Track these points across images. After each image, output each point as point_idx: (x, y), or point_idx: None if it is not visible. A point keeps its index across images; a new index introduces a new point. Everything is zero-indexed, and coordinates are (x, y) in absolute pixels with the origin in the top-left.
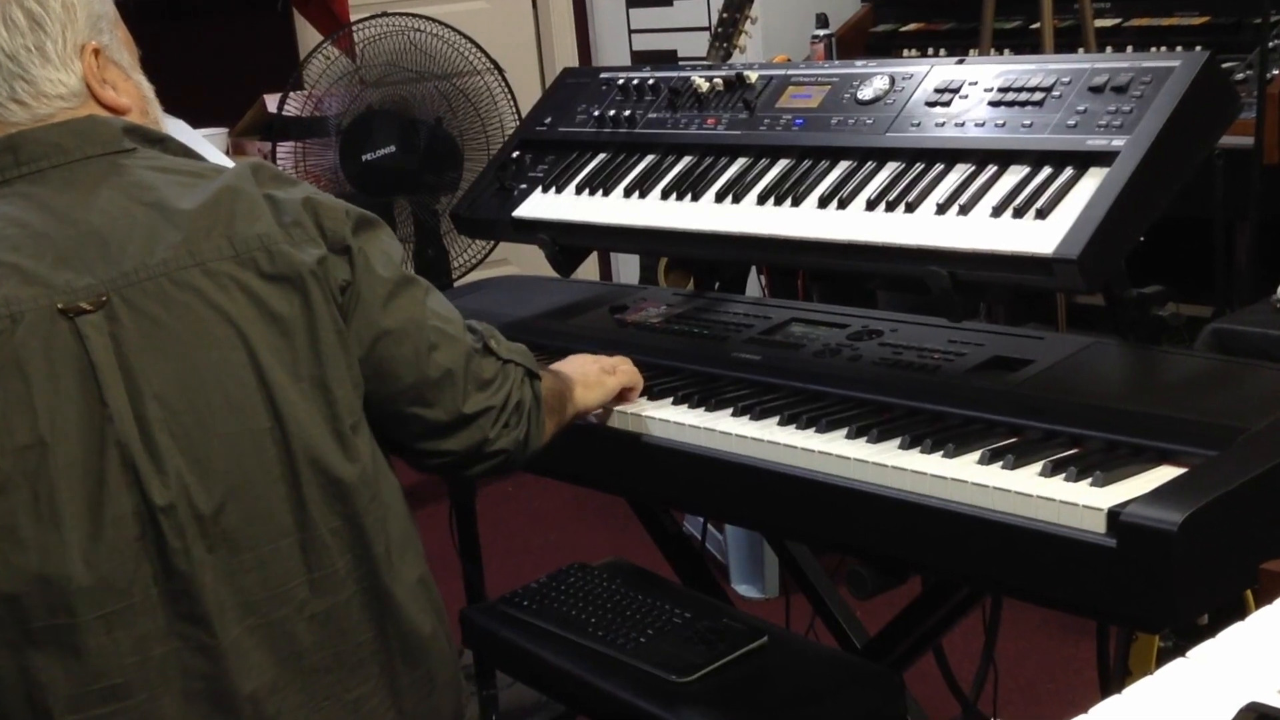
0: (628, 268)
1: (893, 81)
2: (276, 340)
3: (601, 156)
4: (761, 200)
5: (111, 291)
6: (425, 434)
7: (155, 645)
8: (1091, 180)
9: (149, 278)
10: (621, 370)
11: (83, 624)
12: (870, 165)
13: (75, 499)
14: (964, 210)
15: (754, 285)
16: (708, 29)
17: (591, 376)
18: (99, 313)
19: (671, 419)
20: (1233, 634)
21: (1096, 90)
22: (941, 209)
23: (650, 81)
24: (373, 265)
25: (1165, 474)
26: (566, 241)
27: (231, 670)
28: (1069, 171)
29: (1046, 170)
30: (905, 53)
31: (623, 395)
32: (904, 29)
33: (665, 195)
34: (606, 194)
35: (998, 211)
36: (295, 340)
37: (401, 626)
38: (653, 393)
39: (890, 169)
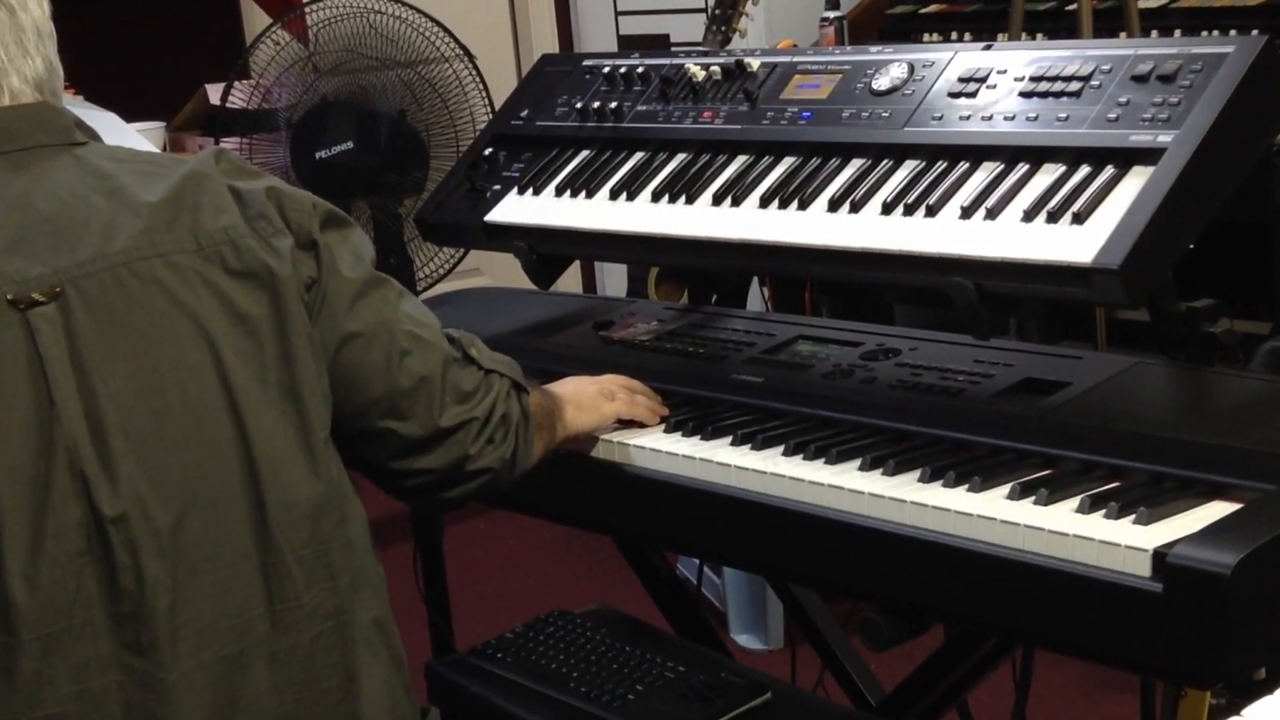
0: (614, 279)
1: (911, 70)
2: (243, 342)
3: (585, 154)
4: (764, 203)
5: (66, 282)
6: (399, 451)
7: (94, 676)
8: (1135, 181)
9: (107, 268)
10: (622, 396)
11: (19, 644)
12: (886, 164)
13: (16, 507)
14: (991, 214)
15: (755, 298)
16: (704, 10)
17: (586, 398)
18: (52, 304)
19: (663, 448)
20: None
21: (1140, 79)
22: (966, 213)
23: (639, 70)
24: (338, 263)
25: (1217, 510)
26: (545, 249)
27: (178, 711)
28: (1109, 171)
29: (1084, 169)
30: (925, 37)
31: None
32: (924, 10)
33: (656, 197)
34: (590, 196)
35: (1029, 216)
36: (263, 343)
37: (353, 673)
38: None
39: (909, 168)
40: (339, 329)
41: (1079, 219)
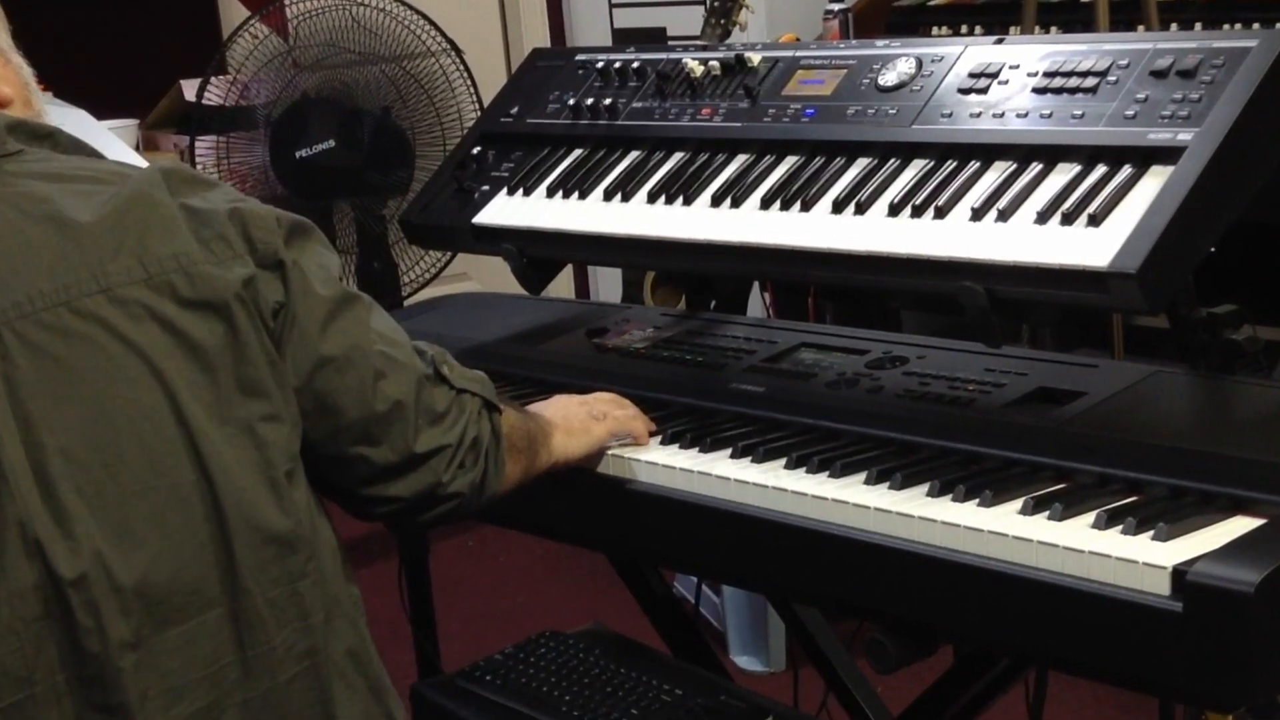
0: (608, 283)
1: (920, 65)
2: (198, 377)
3: (577, 153)
4: (765, 204)
5: (2, 325)
6: (371, 477)
7: None
8: (1153, 181)
9: (45, 307)
10: (613, 416)
11: None
12: (893, 163)
13: None
14: (1003, 216)
15: (756, 304)
16: (702, 3)
17: (575, 422)
18: None
19: (659, 461)
20: None
21: (1159, 75)
22: (977, 214)
23: (635, 65)
24: (310, 282)
25: (1239, 526)
26: (536, 252)
27: None
28: (1127, 170)
29: (1100, 169)
30: (934, 31)
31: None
32: (932, 3)
33: (652, 198)
34: (583, 197)
35: (1043, 217)
36: (219, 376)
37: (330, 711)
38: None
39: (917, 167)
40: (312, 354)
41: (1095, 221)
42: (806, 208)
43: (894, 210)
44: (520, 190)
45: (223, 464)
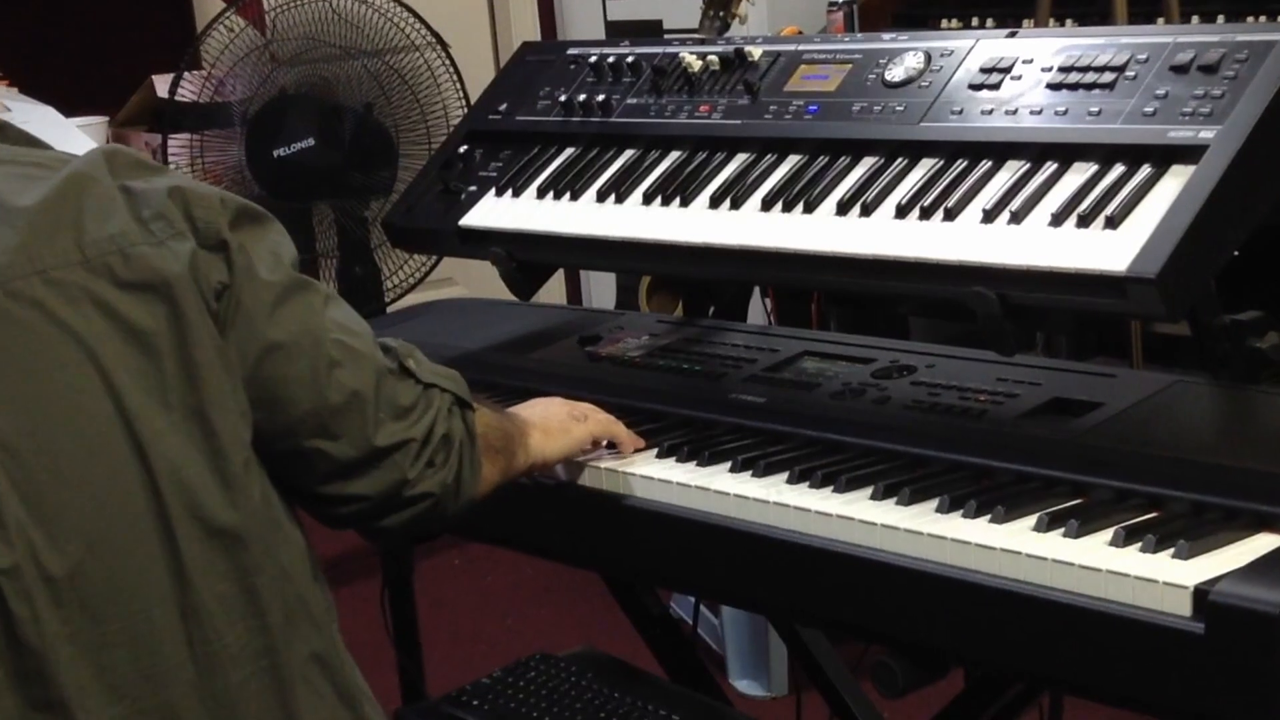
0: (601, 289)
1: (928, 59)
2: (138, 362)
3: (569, 152)
4: (766, 205)
5: None
6: (330, 474)
7: None
8: (1174, 181)
9: None
10: (595, 418)
11: None
12: (901, 162)
13: None
14: (1016, 218)
15: (757, 311)
16: None
17: (554, 422)
18: None
19: (655, 476)
20: None
21: (1180, 70)
22: (989, 216)
23: (629, 59)
24: (255, 265)
25: (1265, 544)
26: (526, 256)
27: None
28: (1146, 170)
29: (1118, 169)
30: (944, 24)
31: (598, 445)
32: None
33: (648, 199)
34: (575, 198)
35: (1058, 219)
36: (162, 361)
37: (293, 716)
38: None
39: (925, 167)
40: (259, 339)
41: (1112, 223)
42: (810, 209)
43: (901, 212)
44: (509, 191)
45: (165, 453)
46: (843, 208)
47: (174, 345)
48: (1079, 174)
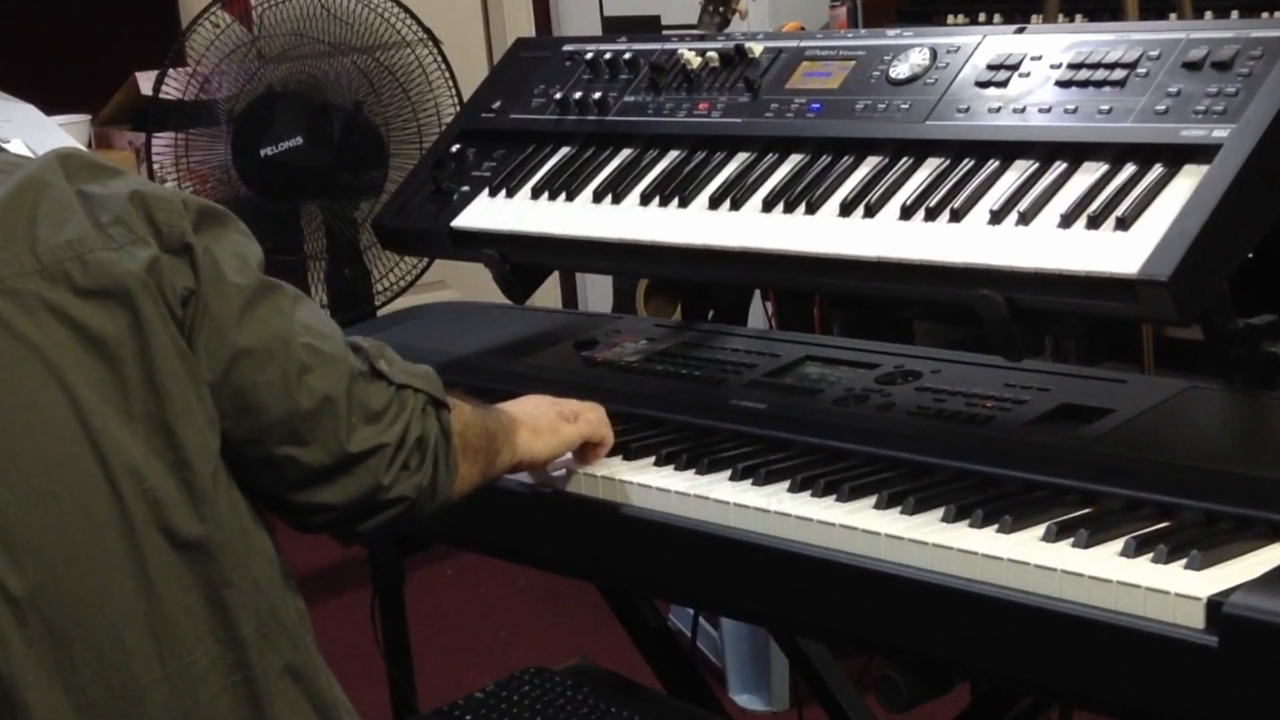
0: (598, 292)
1: (934, 56)
2: (100, 372)
3: (564, 151)
4: (767, 206)
5: None
6: (302, 481)
7: None
8: (1187, 181)
9: None
10: (586, 418)
11: None
12: (905, 162)
13: None
14: (1025, 219)
15: (758, 314)
16: None
17: (543, 421)
18: None
19: (653, 484)
20: None
21: (1193, 67)
22: (996, 217)
23: (626, 56)
24: (222, 268)
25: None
26: (520, 258)
27: None
28: (1158, 170)
29: (1129, 169)
30: (950, 19)
31: (585, 452)
32: None
33: (645, 200)
34: (571, 198)
35: (1068, 221)
36: (124, 370)
37: None
38: (629, 451)
39: (931, 167)
40: (228, 345)
41: (1123, 224)
42: (812, 210)
43: (906, 213)
44: (503, 191)
45: (130, 465)
46: (846, 209)
47: (135, 353)
48: (1089, 174)
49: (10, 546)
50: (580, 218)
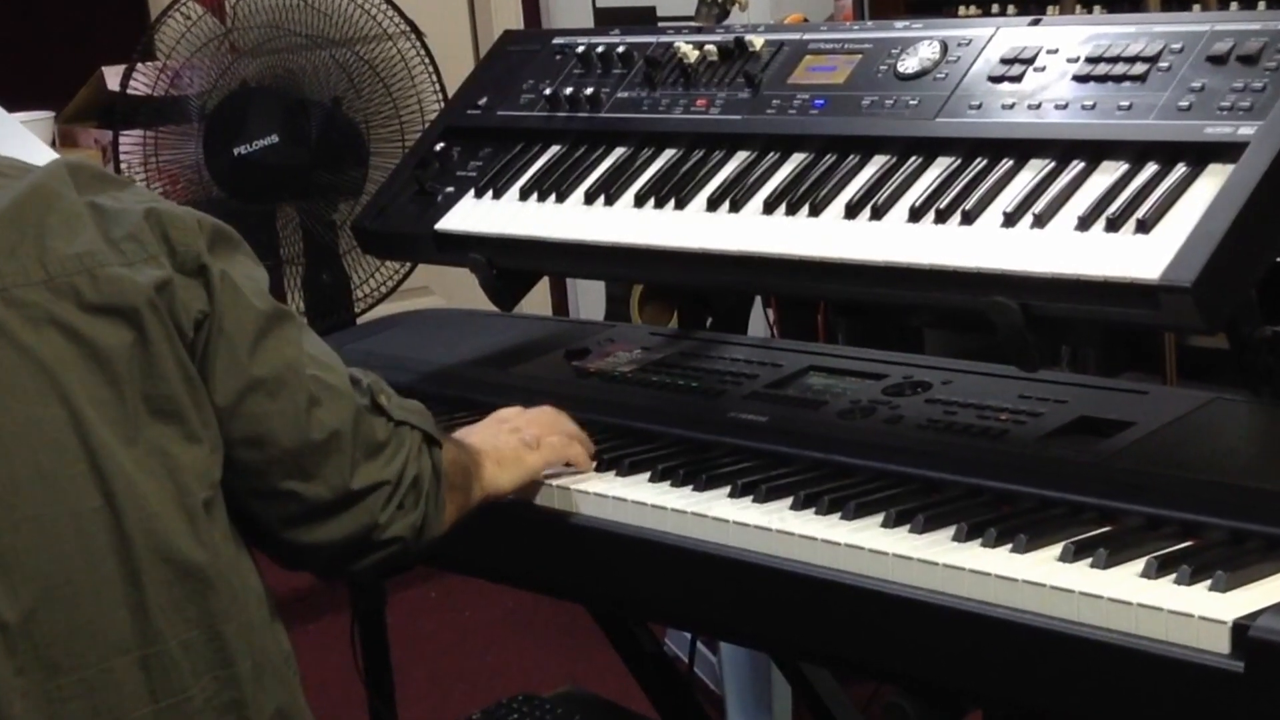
0: (589, 298)
1: (945, 49)
2: (102, 390)
3: (555, 150)
4: (769, 208)
5: None
6: (299, 517)
7: None
8: (1211, 181)
9: None
10: (548, 443)
11: None
12: (914, 161)
13: None
14: (1040, 221)
15: (759, 322)
16: None
17: (506, 451)
18: None
19: (648, 501)
20: None
21: (1218, 60)
22: (1010, 220)
23: (620, 49)
24: (241, 292)
25: None
26: (507, 263)
27: None
28: (1181, 169)
29: (1151, 168)
30: (961, 10)
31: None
32: None
33: (640, 201)
34: (561, 200)
35: (1085, 223)
36: (125, 390)
37: None
38: (623, 467)
39: (941, 166)
40: (243, 373)
41: (1144, 227)
42: (815, 212)
43: (915, 215)
44: (489, 192)
45: (131, 488)
46: (851, 210)
47: (138, 374)
48: (1108, 174)
49: (5, 572)
50: (571, 220)
